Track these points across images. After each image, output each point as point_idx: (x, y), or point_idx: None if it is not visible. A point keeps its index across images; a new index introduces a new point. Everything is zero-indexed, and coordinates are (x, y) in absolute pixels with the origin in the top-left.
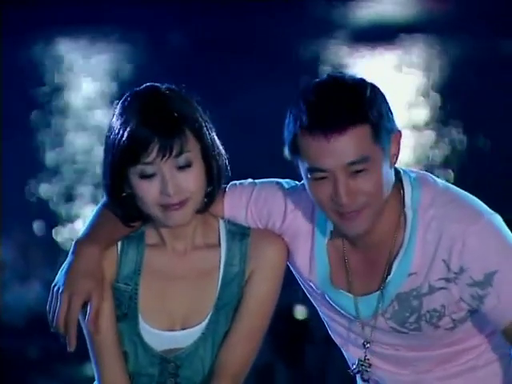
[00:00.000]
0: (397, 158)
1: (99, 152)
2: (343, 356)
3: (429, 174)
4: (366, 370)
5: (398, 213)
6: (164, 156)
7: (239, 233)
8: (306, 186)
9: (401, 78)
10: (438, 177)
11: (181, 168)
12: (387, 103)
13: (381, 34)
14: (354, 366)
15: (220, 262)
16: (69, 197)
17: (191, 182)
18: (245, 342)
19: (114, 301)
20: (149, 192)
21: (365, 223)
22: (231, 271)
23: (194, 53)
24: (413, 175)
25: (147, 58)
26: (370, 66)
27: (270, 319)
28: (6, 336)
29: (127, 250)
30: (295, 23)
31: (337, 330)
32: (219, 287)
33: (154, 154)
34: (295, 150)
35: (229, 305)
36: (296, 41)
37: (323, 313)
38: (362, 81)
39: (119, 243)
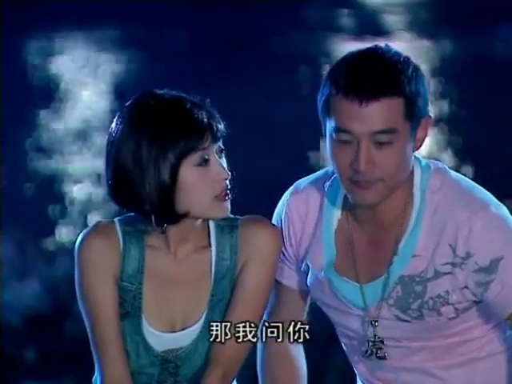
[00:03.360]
0: (421, 144)
1: (101, 151)
2: (343, 356)
3: (442, 163)
4: (381, 348)
5: (408, 196)
6: (213, 141)
7: (228, 225)
8: (328, 149)
9: None
10: None
11: (220, 153)
12: (425, 87)
13: (379, 30)
14: (365, 348)
15: (211, 257)
16: (68, 196)
17: (226, 167)
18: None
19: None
20: (206, 179)
21: (376, 196)
22: (223, 266)
23: (192, 51)
24: (424, 161)
25: (148, 55)
26: None
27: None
28: (3, 336)
29: (129, 247)
30: (296, 20)
31: (343, 331)
32: (212, 283)
33: (208, 140)
34: (326, 110)
35: (223, 300)
36: (296, 38)
37: (331, 317)
38: (407, 58)
39: (121, 239)
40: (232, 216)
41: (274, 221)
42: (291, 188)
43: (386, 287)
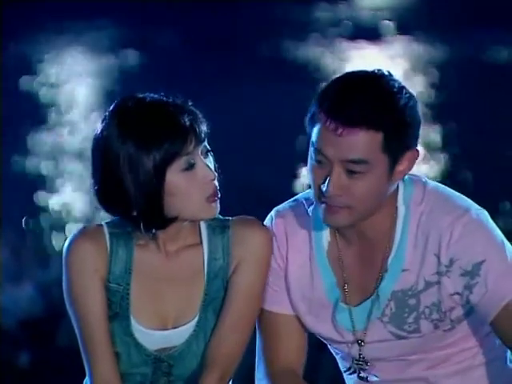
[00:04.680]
0: (403, 176)
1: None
2: (334, 360)
3: (420, 175)
4: (364, 369)
5: (393, 211)
6: (197, 144)
7: (219, 226)
8: (308, 164)
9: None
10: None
11: (205, 154)
12: (416, 121)
13: (374, 32)
14: (349, 366)
15: (203, 256)
16: (65, 199)
17: (212, 167)
18: (232, 333)
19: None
20: (194, 182)
21: (342, 220)
22: (215, 265)
23: (186, 52)
24: (406, 176)
25: (143, 56)
26: (364, 63)
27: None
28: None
29: (117, 249)
30: (288, 23)
31: (336, 351)
32: (205, 283)
33: (192, 144)
34: (310, 126)
35: (216, 299)
36: (288, 41)
37: (327, 343)
38: (400, 89)
39: (108, 241)
40: (222, 217)
41: None
42: (272, 212)
43: (373, 307)
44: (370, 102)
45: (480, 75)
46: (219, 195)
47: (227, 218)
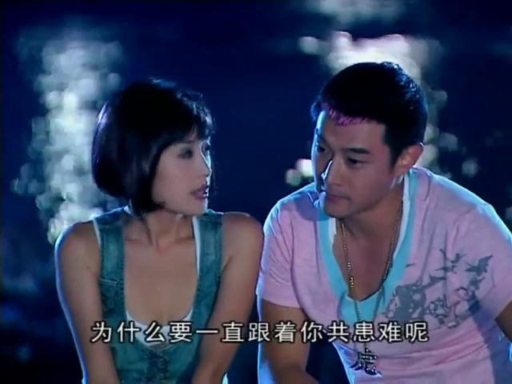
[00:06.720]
0: (404, 171)
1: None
2: (336, 356)
3: (426, 169)
4: (370, 362)
5: (399, 206)
6: (200, 136)
7: (211, 222)
8: (312, 151)
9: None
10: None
11: (205, 150)
12: (422, 116)
13: (374, 30)
14: (356, 360)
15: (196, 251)
16: (64, 194)
17: (209, 164)
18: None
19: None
20: (186, 171)
21: (340, 211)
22: (208, 260)
23: (185, 49)
24: (411, 170)
25: (141, 53)
26: (365, 60)
27: (252, 303)
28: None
29: (108, 244)
30: (291, 18)
31: (343, 350)
32: (198, 278)
33: (195, 133)
34: (316, 113)
35: (209, 295)
36: (289, 36)
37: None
38: (408, 83)
39: (99, 237)
40: (214, 212)
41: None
42: (277, 205)
43: (379, 302)
44: (374, 93)
45: (482, 72)
46: (207, 193)
47: (219, 213)
